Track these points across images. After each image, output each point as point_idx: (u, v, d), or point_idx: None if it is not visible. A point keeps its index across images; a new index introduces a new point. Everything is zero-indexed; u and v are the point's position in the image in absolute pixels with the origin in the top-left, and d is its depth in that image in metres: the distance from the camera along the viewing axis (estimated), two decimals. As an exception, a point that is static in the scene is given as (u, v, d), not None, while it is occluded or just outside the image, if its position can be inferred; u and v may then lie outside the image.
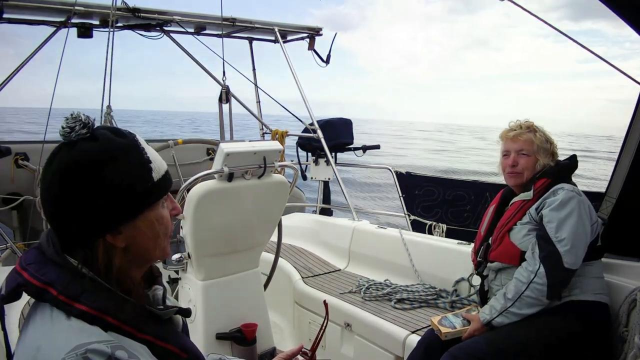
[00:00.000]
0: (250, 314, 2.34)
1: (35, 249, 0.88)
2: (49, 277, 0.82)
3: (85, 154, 0.84)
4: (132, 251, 0.90)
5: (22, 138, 13.24)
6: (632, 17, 1.73)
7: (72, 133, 0.85)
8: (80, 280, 0.83)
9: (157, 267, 1.06)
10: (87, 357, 0.75)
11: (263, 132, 4.91)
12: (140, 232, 0.89)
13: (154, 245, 0.93)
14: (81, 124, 0.85)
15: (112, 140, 0.87)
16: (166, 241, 0.96)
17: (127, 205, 0.87)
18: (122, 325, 0.83)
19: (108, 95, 3.06)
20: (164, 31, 4.07)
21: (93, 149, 0.85)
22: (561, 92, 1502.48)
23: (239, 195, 2.15)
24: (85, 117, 0.86)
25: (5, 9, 3.30)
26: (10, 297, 0.84)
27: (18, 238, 4.13)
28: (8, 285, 0.84)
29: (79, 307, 0.80)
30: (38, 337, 0.80)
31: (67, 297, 0.81)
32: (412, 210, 4.74)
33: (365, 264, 3.20)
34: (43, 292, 0.82)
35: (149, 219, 0.90)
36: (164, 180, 0.94)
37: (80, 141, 0.85)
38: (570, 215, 1.84)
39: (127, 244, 0.89)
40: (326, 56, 4.67)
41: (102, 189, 0.84)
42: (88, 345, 0.76)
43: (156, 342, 0.88)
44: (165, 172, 0.94)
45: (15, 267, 0.86)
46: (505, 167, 2.09)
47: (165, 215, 0.95)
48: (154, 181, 0.90)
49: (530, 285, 1.81)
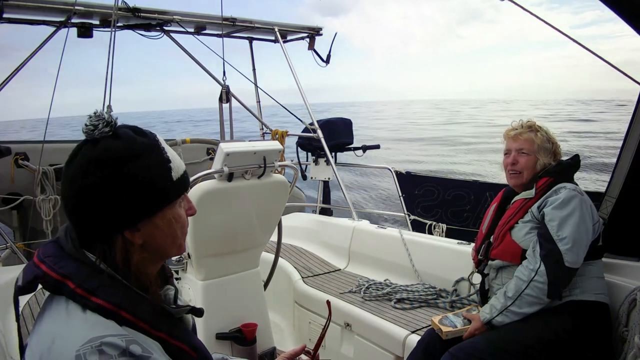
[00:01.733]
0: (250, 314, 2.34)
1: (54, 242, 0.90)
2: (67, 270, 0.83)
3: (109, 151, 0.86)
4: (150, 248, 0.92)
5: (22, 138, 13.27)
6: (632, 17, 1.72)
7: (95, 131, 0.87)
8: (98, 275, 0.85)
9: (169, 267, 1.07)
10: (101, 350, 0.76)
11: (263, 132, 4.92)
12: (158, 230, 0.91)
13: (171, 243, 0.95)
14: (104, 122, 0.87)
15: (135, 139, 0.90)
16: (183, 239, 0.98)
17: (147, 202, 0.88)
18: (137, 321, 0.84)
19: (109, 95, 3.06)
20: (164, 31, 4.07)
21: (116, 146, 0.87)
22: (558, 61, 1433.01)
23: (239, 195, 2.15)
24: (109, 116, 0.88)
25: (5, 9, 3.30)
26: (27, 288, 0.86)
27: (18, 238, 4.13)
28: (25, 276, 0.85)
29: (96, 300, 0.81)
30: (53, 329, 0.81)
31: (84, 290, 0.82)
32: (412, 210, 4.75)
33: (365, 263, 3.20)
34: (60, 285, 0.83)
35: (167, 217, 0.92)
36: (183, 179, 0.96)
37: (103, 139, 0.87)
38: (572, 214, 1.84)
39: (144, 241, 0.90)
40: (326, 56, 4.67)
41: (124, 185, 0.85)
42: (103, 338, 0.77)
43: (169, 340, 0.89)
44: (183, 172, 0.97)
45: (33, 259, 0.87)
46: (506, 165, 2.11)
47: (182, 214, 0.97)
48: (173, 180, 0.93)
49: (531, 284, 1.81)
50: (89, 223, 0.87)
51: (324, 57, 4.70)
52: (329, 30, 4.74)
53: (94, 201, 0.85)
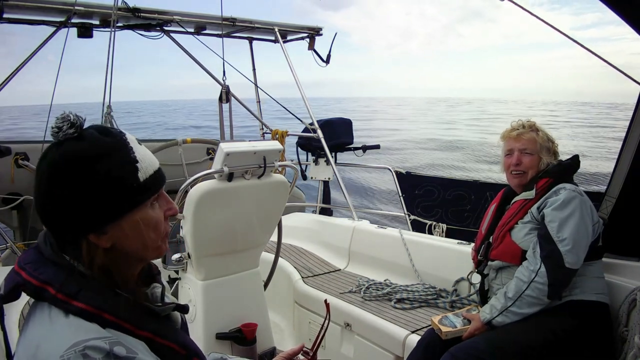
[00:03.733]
0: (250, 314, 2.34)
1: (34, 248, 0.89)
2: (46, 276, 0.83)
3: (71, 153, 0.84)
4: (119, 251, 0.89)
5: (22, 138, 13.24)
6: (632, 17, 1.72)
7: (59, 132, 0.85)
8: (77, 278, 0.84)
9: (155, 265, 1.06)
10: (85, 354, 0.75)
11: (263, 132, 4.91)
12: (125, 233, 0.88)
13: (143, 246, 0.91)
14: (69, 124, 0.85)
15: (99, 140, 0.87)
16: (160, 241, 0.94)
17: (110, 205, 0.85)
18: (121, 322, 0.83)
19: (109, 95, 3.06)
20: (164, 31, 4.07)
21: (79, 148, 0.85)
22: (558, 62, 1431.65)
23: (239, 195, 2.15)
24: (74, 117, 0.86)
25: (5, 9, 3.30)
26: (10, 297, 0.85)
27: (18, 238, 4.13)
28: (7, 285, 0.85)
29: (77, 304, 0.81)
30: (37, 336, 0.80)
31: (65, 295, 0.81)
32: (412, 210, 4.75)
33: (365, 263, 3.20)
34: (41, 291, 0.82)
35: (134, 219, 0.89)
36: (154, 179, 0.92)
37: (67, 140, 0.85)
38: (572, 215, 1.84)
39: (112, 244, 0.88)
40: (326, 56, 4.67)
41: (86, 188, 0.83)
42: (86, 342, 0.76)
43: (155, 339, 0.88)
44: (154, 171, 0.92)
45: (14, 267, 0.87)
46: (509, 166, 2.10)
47: (154, 215, 0.92)
48: (140, 181, 0.89)
49: (531, 285, 1.81)
50: (56, 226, 0.86)
51: (323, 57, 4.70)
52: (329, 24, 4.75)
53: (57, 204, 0.83)
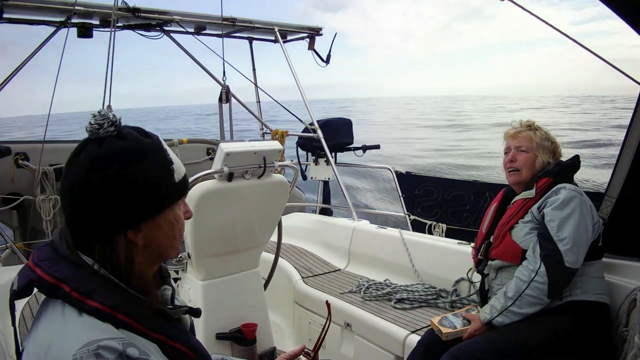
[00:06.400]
0: (250, 314, 2.34)
1: (48, 245, 0.89)
2: (62, 274, 0.83)
3: (114, 151, 0.86)
4: (150, 249, 0.92)
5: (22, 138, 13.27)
6: (632, 17, 1.72)
7: (100, 130, 0.87)
8: (94, 277, 0.84)
9: (166, 267, 1.07)
10: (98, 354, 0.75)
11: (263, 132, 4.92)
12: (160, 231, 0.92)
13: (170, 245, 0.96)
14: (109, 122, 0.87)
15: (139, 140, 0.90)
16: (180, 242, 0.99)
17: (150, 202, 0.89)
18: (134, 324, 0.84)
19: (109, 95, 3.06)
20: (164, 31, 4.07)
21: (122, 146, 0.87)
22: (556, 57, 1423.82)
23: (239, 195, 2.15)
24: (113, 116, 0.89)
25: (5, 9, 3.30)
26: (22, 292, 0.85)
27: (18, 238, 4.13)
28: (20, 281, 0.85)
29: (92, 303, 0.81)
30: (50, 334, 0.80)
31: (80, 293, 0.81)
32: (412, 210, 4.75)
33: (365, 263, 3.20)
34: (56, 289, 0.82)
35: (168, 218, 0.93)
36: (183, 182, 0.97)
37: (107, 138, 0.87)
38: (572, 214, 1.84)
39: (145, 242, 0.90)
40: (326, 56, 4.67)
41: (128, 185, 0.86)
42: (100, 341, 0.77)
43: (167, 341, 0.89)
44: (184, 174, 0.98)
45: (28, 263, 0.87)
46: (505, 163, 2.13)
47: (182, 216, 0.98)
48: (175, 182, 0.93)
49: (531, 284, 1.81)
50: (90, 222, 0.86)
51: (323, 57, 4.70)
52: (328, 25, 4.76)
53: (97, 200, 0.84)
